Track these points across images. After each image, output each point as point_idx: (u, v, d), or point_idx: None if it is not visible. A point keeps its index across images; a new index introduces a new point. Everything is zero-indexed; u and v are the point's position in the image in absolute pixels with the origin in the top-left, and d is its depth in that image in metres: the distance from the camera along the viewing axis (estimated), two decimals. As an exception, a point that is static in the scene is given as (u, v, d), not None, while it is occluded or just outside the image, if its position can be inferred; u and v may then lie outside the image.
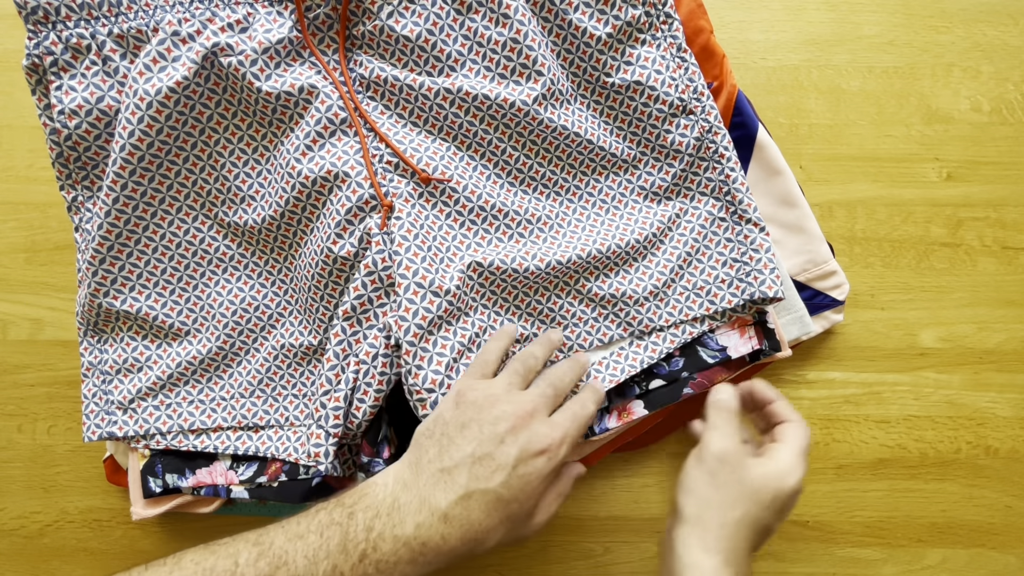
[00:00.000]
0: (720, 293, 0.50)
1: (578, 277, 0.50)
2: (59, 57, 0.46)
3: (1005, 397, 0.59)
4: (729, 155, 0.50)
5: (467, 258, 0.48)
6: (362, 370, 0.47)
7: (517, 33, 0.47)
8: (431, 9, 0.47)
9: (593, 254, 0.49)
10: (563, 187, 0.52)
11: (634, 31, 0.49)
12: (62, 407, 0.60)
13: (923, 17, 0.60)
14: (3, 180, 0.61)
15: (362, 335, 0.48)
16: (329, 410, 0.47)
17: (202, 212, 0.51)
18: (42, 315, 0.60)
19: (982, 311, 0.59)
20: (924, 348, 0.59)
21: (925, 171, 0.59)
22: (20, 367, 0.60)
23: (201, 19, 0.46)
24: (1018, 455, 0.58)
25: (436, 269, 0.47)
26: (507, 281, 0.49)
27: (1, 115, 0.61)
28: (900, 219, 0.59)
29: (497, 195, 0.50)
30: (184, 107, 0.47)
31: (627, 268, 0.51)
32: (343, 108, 0.48)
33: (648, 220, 0.51)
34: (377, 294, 0.47)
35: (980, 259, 0.59)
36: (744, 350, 0.50)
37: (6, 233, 0.61)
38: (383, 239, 0.47)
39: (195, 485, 0.51)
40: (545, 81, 0.48)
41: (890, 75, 0.60)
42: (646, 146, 0.51)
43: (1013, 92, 0.59)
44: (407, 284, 0.46)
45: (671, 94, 0.50)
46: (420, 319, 0.46)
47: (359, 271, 0.47)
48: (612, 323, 0.51)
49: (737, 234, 0.50)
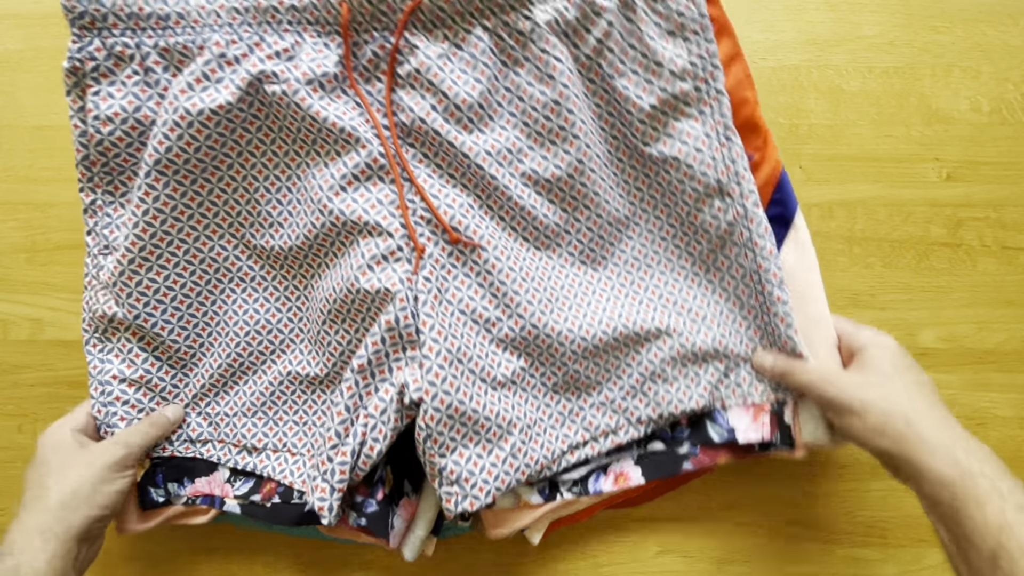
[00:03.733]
0: (749, 379, 0.50)
1: (606, 354, 0.50)
2: (101, 63, 0.46)
3: (1005, 397, 0.59)
4: (764, 244, 0.48)
5: (492, 320, 0.48)
6: (371, 424, 0.46)
7: (560, 96, 0.47)
8: (479, 58, 0.47)
9: (620, 329, 0.49)
10: (589, 256, 0.51)
11: (680, 104, 0.48)
12: (62, 407, 0.60)
13: (923, 17, 0.60)
14: (3, 180, 0.61)
15: (374, 388, 0.47)
16: (336, 464, 0.46)
17: (229, 231, 0.51)
18: (42, 315, 0.60)
19: (982, 311, 0.59)
20: (924, 348, 0.59)
21: (925, 171, 0.59)
22: (20, 367, 0.60)
23: (248, 42, 0.46)
24: (1018, 455, 0.58)
25: (461, 334, 0.47)
26: (532, 350, 0.49)
27: (1, 115, 0.61)
28: (900, 219, 0.59)
29: (524, 259, 0.49)
30: (224, 129, 0.47)
31: (654, 342, 0.50)
32: (383, 154, 0.47)
33: (672, 297, 0.51)
34: (394, 349, 0.47)
35: (980, 259, 0.59)
36: (753, 437, 0.49)
37: (6, 233, 0.61)
38: (407, 295, 0.46)
39: (193, 494, 0.51)
40: (580, 146, 0.48)
41: (890, 75, 0.60)
42: (676, 220, 0.51)
43: (1013, 92, 0.59)
44: (426, 342, 0.46)
45: (709, 174, 0.48)
46: (433, 376, 0.45)
47: (379, 326, 0.46)
48: (640, 402, 0.50)
49: (765, 325, 0.50)
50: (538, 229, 0.50)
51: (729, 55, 0.50)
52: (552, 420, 0.50)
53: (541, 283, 0.49)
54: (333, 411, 0.47)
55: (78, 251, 0.60)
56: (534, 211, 0.49)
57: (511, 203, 0.49)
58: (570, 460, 0.49)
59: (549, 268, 0.50)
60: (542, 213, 0.49)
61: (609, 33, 0.47)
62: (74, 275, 0.60)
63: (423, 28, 0.47)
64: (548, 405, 0.50)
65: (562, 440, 0.49)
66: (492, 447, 0.47)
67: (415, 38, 0.47)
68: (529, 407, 0.49)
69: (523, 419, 0.48)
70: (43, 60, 0.61)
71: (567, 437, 0.50)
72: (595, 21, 0.47)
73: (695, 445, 0.50)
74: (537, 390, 0.50)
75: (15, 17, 0.61)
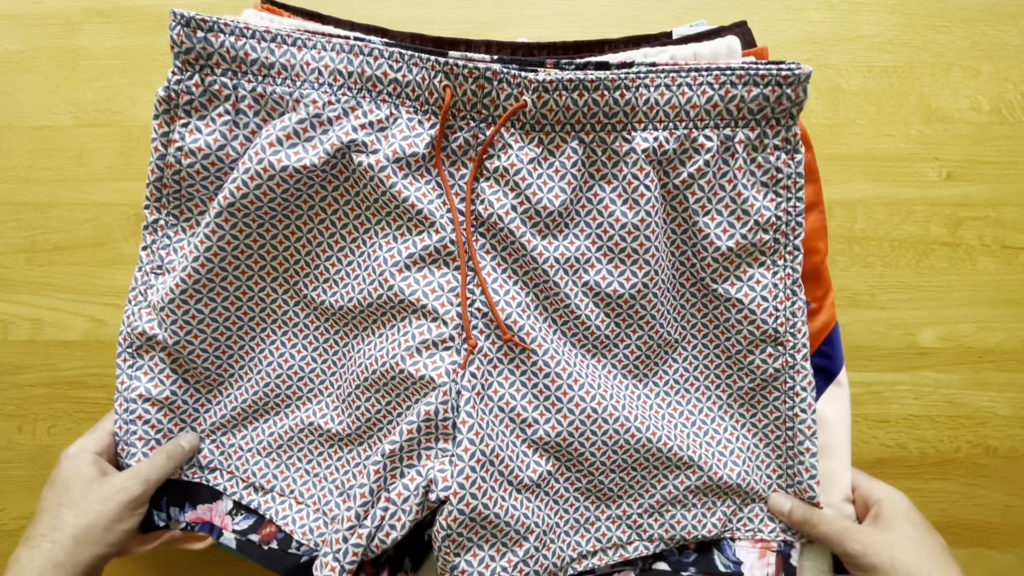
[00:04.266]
0: (761, 515, 0.51)
1: (633, 471, 0.50)
2: (196, 98, 0.46)
3: (1005, 397, 0.59)
4: (804, 396, 0.49)
5: (530, 421, 0.48)
6: (391, 511, 0.46)
7: (641, 222, 0.47)
8: (569, 169, 0.47)
9: (652, 451, 0.49)
10: (632, 371, 0.51)
11: (757, 252, 0.48)
12: (62, 407, 0.60)
13: (923, 17, 0.60)
14: (3, 180, 0.61)
15: (400, 472, 0.47)
16: (350, 546, 0.46)
17: (283, 275, 0.51)
18: (42, 315, 0.60)
19: (982, 311, 0.59)
20: (924, 348, 0.59)
21: (925, 171, 0.59)
22: (20, 367, 0.60)
23: (345, 106, 0.46)
24: (1018, 454, 0.58)
25: (497, 434, 0.47)
26: (562, 455, 0.49)
27: (1, 115, 0.61)
28: (900, 219, 0.59)
29: (572, 364, 0.49)
30: (302, 185, 0.47)
31: (683, 471, 0.50)
32: (453, 242, 0.47)
33: (704, 427, 0.51)
34: (427, 438, 0.47)
35: (980, 259, 0.59)
36: (759, 574, 0.50)
37: (6, 233, 0.61)
38: (451, 388, 0.46)
39: (193, 520, 0.51)
40: (649, 272, 0.48)
41: (890, 75, 0.60)
42: (723, 352, 0.51)
43: (1013, 92, 0.59)
44: (462, 441, 0.46)
45: (768, 323, 0.49)
46: (463, 478, 0.45)
47: (418, 415, 0.46)
48: (655, 521, 0.51)
49: (788, 467, 0.50)
50: (588, 337, 0.50)
51: (810, 202, 0.50)
52: (567, 527, 0.50)
53: (587, 391, 0.49)
54: (356, 491, 0.47)
55: (78, 251, 0.61)
56: (588, 321, 0.49)
57: (568, 310, 0.49)
58: (576, 568, 0.50)
59: (595, 376, 0.50)
60: (595, 324, 0.49)
61: (703, 172, 0.47)
62: (74, 275, 0.60)
63: (520, 128, 0.47)
64: (567, 512, 0.50)
65: (573, 548, 0.50)
66: (506, 551, 0.47)
67: (510, 136, 0.47)
68: (548, 511, 0.49)
69: (540, 525, 0.49)
70: (43, 60, 0.61)
71: (579, 545, 0.50)
72: (692, 157, 0.47)
73: (699, 572, 0.50)
74: (559, 495, 0.50)
75: (15, 17, 0.61)
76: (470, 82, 0.46)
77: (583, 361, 0.50)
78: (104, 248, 0.60)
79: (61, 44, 0.61)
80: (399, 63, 0.46)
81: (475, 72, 0.46)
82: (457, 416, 0.46)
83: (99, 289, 0.60)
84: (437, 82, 0.46)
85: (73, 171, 0.61)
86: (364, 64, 0.46)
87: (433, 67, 0.46)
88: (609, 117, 0.46)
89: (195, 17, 0.45)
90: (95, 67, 0.61)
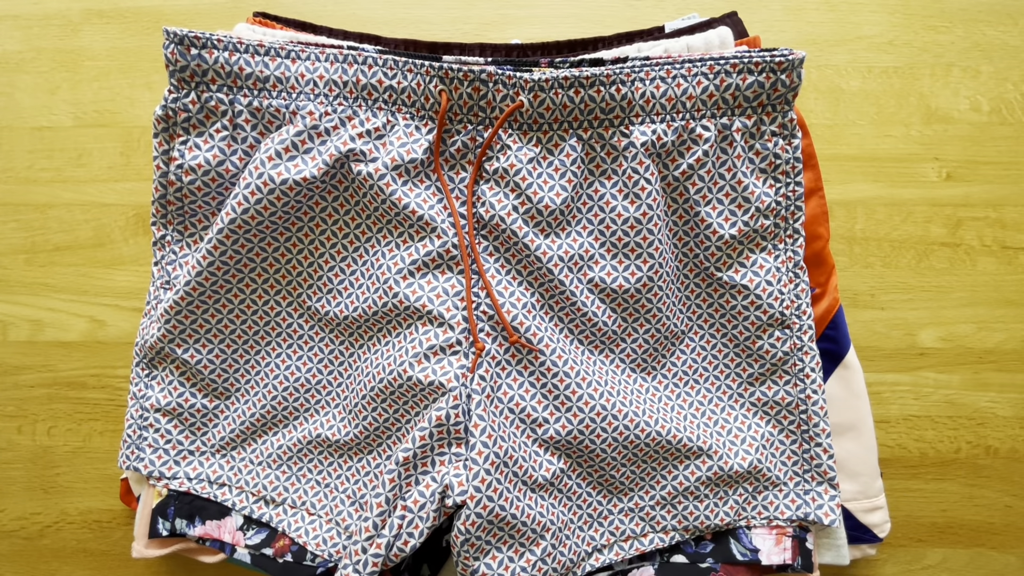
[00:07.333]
0: (776, 503, 0.50)
1: (644, 464, 0.50)
2: (193, 115, 0.47)
3: (1005, 397, 0.59)
4: (815, 377, 0.50)
5: (540, 421, 0.48)
6: (408, 519, 0.46)
7: (643, 215, 0.47)
8: (568, 167, 0.47)
9: (662, 443, 0.49)
10: (640, 365, 0.51)
11: (758, 237, 0.49)
12: (62, 408, 0.60)
13: (923, 17, 0.60)
14: (3, 181, 0.61)
15: (415, 479, 0.47)
16: (370, 556, 0.46)
17: (287, 288, 0.51)
18: (42, 316, 0.60)
19: (982, 311, 0.59)
20: (924, 348, 0.59)
21: (925, 171, 0.59)
22: (20, 368, 0.60)
23: (341, 116, 0.47)
24: (1018, 455, 0.58)
25: (508, 435, 0.47)
26: (574, 452, 0.49)
27: (1, 116, 0.61)
28: (900, 219, 0.59)
29: (580, 362, 0.49)
30: (303, 197, 0.47)
31: (693, 461, 0.50)
32: (456, 246, 0.47)
33: (715, 416, 0.51)
34: (440, 444, 0.47)
35: (980, 259, 0.59)
36: (776, 560, 0.50)
37: (6, 234, 0.61)
38: (461, 392, 0.46)
39: (202, 535, 0.51)
40: (653, 265, 0.48)
41: (890, 75, 0.60)
42: (730, 341, 0.51)
43: (1013, 92, 0.59)
44: (475, 445, 0.46)
45: (774, 307, 0.49)
46: (479, 482, 0.45)
47: (429, 421, 0.46)
48: (668, 513, 0.51)
49: (804, 451, 0.50)
50: (595, 334, 0.50)
51: (810, 188, 0.51)
52: (581, 522, 0.50)
53: (595, 388, 0.49)
54: (372, 501, 0.47)
55: (77, 252, 0.61)
56: (595, 317, 0.49)
57: (574, 307, 0.49)
58: (593, 564, 0.50)
59: (602, 372, 0.50)
60: (602, 320, 0.49)
61: (702, 162, 0.47)
62: (73, 276, 0.60)
63: (518, 129, 0.47)
64: (580, 507, 0.50)
65: (587, 542, 0.50)
66: (524, 551, 0.48)
67: (508, 137, 0.47)
68: (562, 508, 0.50)
69: (556, 522, 0.49)
70: (43, 61, 0.61)
71: (593, 539, 0.50)
72: (691, 148, 0.47)
73: (717, 562, 0.50)
74: (572, 492, 0.50)
75: (15, 17, 0.61)
76: (465, 85, 0.46)
77: (591, 358, 0.50)
78: (104, 249, 0.61)
79: (61, 45, 0.61)
80: (393, 70, 0.46)
81: (470, 75, 0.46)
82: (469, 420, 0.46)
83: (98, 290, 0.60)
84: (432, 87, 0.46)
85: (73, 171, 0.61)
86: (359, 73, 0.46)
87: (428, 72, 0.46)
88: (606, 112, 0.46)
89: (188, 35, 0.45)
90: (95, 68, 0.61)
